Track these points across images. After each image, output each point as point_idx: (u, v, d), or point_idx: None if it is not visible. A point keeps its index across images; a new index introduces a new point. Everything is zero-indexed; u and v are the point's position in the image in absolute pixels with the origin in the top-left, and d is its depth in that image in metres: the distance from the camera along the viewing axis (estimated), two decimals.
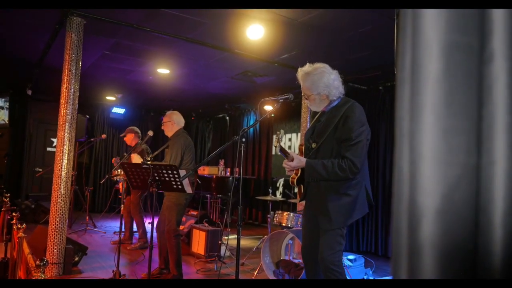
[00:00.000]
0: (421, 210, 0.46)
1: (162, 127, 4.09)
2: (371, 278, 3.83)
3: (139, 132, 5.57)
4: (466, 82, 0.47)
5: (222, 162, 7.11)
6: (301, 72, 2.40)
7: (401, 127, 0.51)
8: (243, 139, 2.50)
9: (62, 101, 3.97)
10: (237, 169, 2.53)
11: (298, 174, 2.46)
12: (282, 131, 2.43)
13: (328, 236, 2.33)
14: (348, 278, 3.53)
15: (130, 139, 5.49)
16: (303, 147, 2.54)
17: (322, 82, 2.34)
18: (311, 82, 2.36)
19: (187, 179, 3.12)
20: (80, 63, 4.04)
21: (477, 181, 0.48)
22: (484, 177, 0.47)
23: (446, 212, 0.46)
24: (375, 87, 5.81)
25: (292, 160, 2.34)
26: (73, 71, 3.98)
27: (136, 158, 4.06)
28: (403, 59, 0.51)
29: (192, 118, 9.83)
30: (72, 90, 3.98)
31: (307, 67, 2.39)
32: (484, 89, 0.48)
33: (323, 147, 2.36)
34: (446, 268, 0.45)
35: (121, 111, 8.82)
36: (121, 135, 5.62)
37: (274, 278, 3.91)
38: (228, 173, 7.01)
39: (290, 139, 7.75)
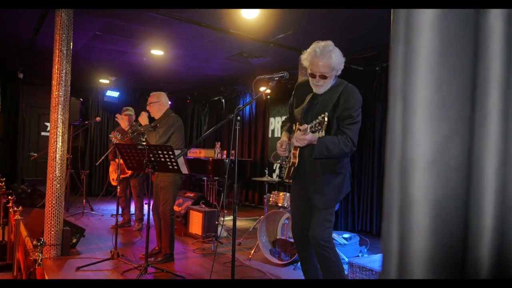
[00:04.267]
0: (413, 163, 0.45)
1: (148, 108, 4.01)
2: (365, 255, 3.89)
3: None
4: (462, 32, 0.46)
5: (218, 144, 7.10)
6: (318, 50, 2.30)
7: (394, 84, 0.50)
8: (238, 117, 2.49)
9: (54, 82, 3.92)
10: (233, 151, 2.53)
11: (297, 160, 2.45)
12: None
13: (321, 214, 2.39)
14: (341, 256, 3.59)
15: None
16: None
17: (342, 57, 2.36)
18: (336, 57, 2.31)
19: (182, 158, 3.11)
20: (71, 43, 3.97)
21: (471, 135, 0.47)
22: (478, 131, 0.47)
23: (438, 165, 0.45)
24: (371, 68, 5.77)
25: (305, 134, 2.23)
26: (64, 52, 3.92)
27: (144, 118, 3.97)
28: (398, 12, 0.49)
29: (188, 101, 9.76)
30: (64, 71, 3.93)
31: (319, 44, 2.32)
32: (480, 41, 0.47)
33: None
34: (438, 219, 0.45)
35: (115, 94, 8.73)
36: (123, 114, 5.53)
37: (271, 256, 3.96)
38: (225, 156, 7.00)
39: None
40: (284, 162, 2.62)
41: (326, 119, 2.14)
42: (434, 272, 0.46)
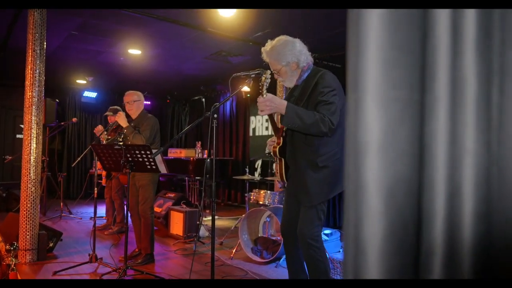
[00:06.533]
0: (363, 147, 0.45)
1: (128, 107, 3.93)
2: None
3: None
4: (410, 14, 0.46)
5: (199, 144, 7.05)
6: (264, 50, 2.37)
7: (349, 72, 0.51)
8: (215, 115, 2.48)
9: (27, 83, 3.82)
10: (213, 151, 2.53)
11: (280, 144, 2.37)
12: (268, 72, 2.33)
13: (309, 212, 2.30)
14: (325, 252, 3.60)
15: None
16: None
17: (288, 50, 2.31)
18: (276, 53, 2.32)
19: (159, 156, 3.08)
20: (45, 43, 3.87)
21: (421, 117, 0.47)
22: (428, 114, 0.47)
23: (388, 148, 0.45)
24: None
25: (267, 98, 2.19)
26: (38, 51, 3.82)
27: (123, 118, 3.85)
28: None
29: (167, 101, 9.66)
30: (38, 71, 3.83)
31: (269, 43, 2.37)
32: (428, 22, 0.47)
33: None
34: (390, 203, 0.45)
35: (93, 95, 8.56)
36: (106, 114, 5.38)
37: (252, 255, 3.95)
38: (206, 155, 6.97)
39: (267, 120, 7.74)
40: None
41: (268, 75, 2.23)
42: (388, 256, 0.46)
